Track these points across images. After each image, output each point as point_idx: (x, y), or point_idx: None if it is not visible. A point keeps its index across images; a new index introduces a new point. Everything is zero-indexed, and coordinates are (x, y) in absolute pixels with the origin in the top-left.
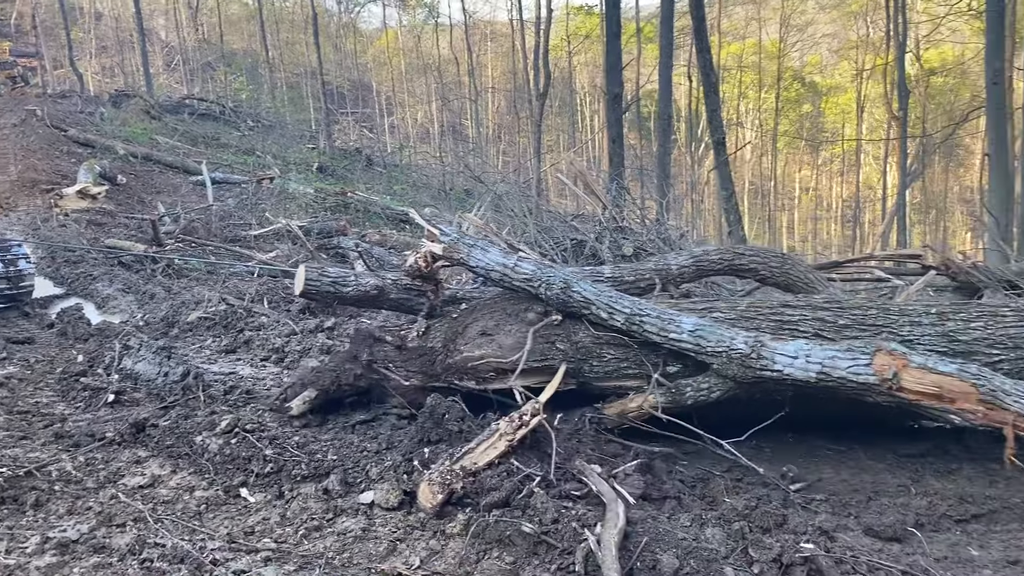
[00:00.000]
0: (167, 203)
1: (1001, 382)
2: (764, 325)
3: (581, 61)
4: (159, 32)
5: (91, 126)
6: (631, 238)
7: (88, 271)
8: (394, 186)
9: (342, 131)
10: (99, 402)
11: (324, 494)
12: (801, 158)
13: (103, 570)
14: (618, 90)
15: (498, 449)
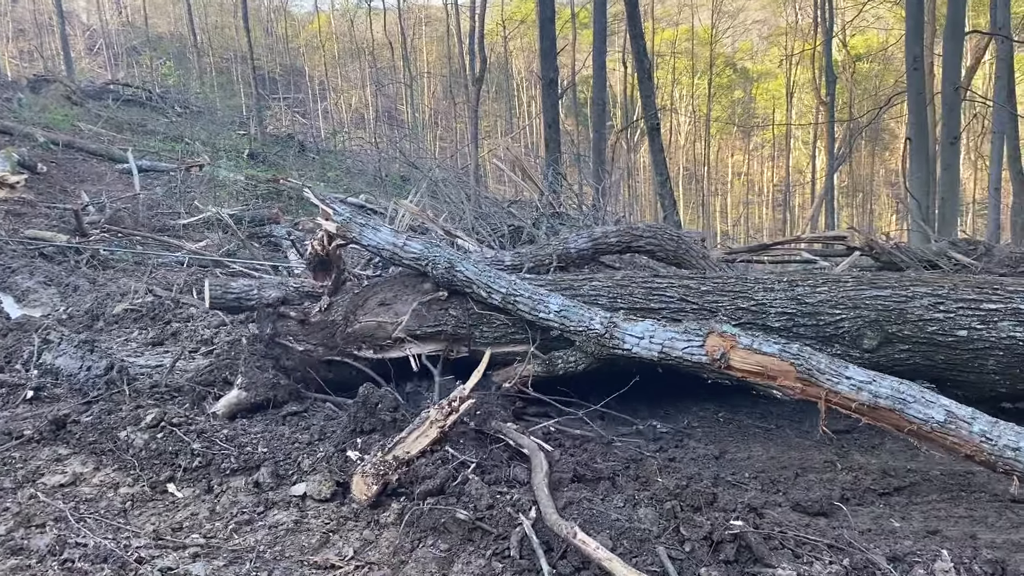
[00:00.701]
0: (91, 192)
1: (817, 361)
2: (636, 292)
3: (517, 46)
4: (80, 15)
5: (8, 113)
6: (568, 224)
7: (7, 263)
8: (328, 172)
9: (274, 117)
10: (17, 399)
11: (255, 487)
12: (733, 143)
13: (21, 572)
14: (553, 75)
15: (430, 436)
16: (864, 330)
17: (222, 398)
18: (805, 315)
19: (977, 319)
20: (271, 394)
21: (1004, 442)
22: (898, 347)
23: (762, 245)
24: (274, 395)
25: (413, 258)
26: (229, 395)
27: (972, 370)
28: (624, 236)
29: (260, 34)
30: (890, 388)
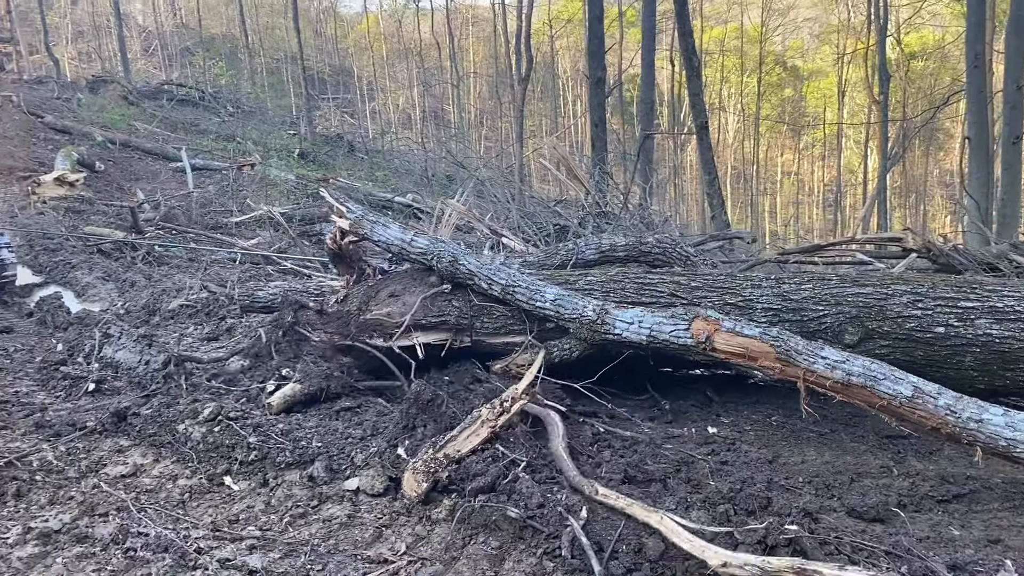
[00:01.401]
0: (147, 190)
1: (795, 343)
2: (628, 287)
3: (563, 45)
4: (136, 17)
5: (68, 112)
6: (614, 223)
7: (67, 259)
8: (376, 172)
9: (323, 117)
10: (79, 391)
11: (309, 481)
12: (783, 142)
13: (86, 560)
14: (600, 74)
15: (481, 436)
16: (845, 326)
17: (277, 391)
18: (790, 311)
19: (955, 316)
20: (324, 385)
21: (967, 415)
22: (879, 343)
23: (815, 246)
24: (327, 386)
25: (420, 253)
26: (284, 388)
27: (951, 366)
28: (632, 250)
29: (310, 35)
30: (862, 367)
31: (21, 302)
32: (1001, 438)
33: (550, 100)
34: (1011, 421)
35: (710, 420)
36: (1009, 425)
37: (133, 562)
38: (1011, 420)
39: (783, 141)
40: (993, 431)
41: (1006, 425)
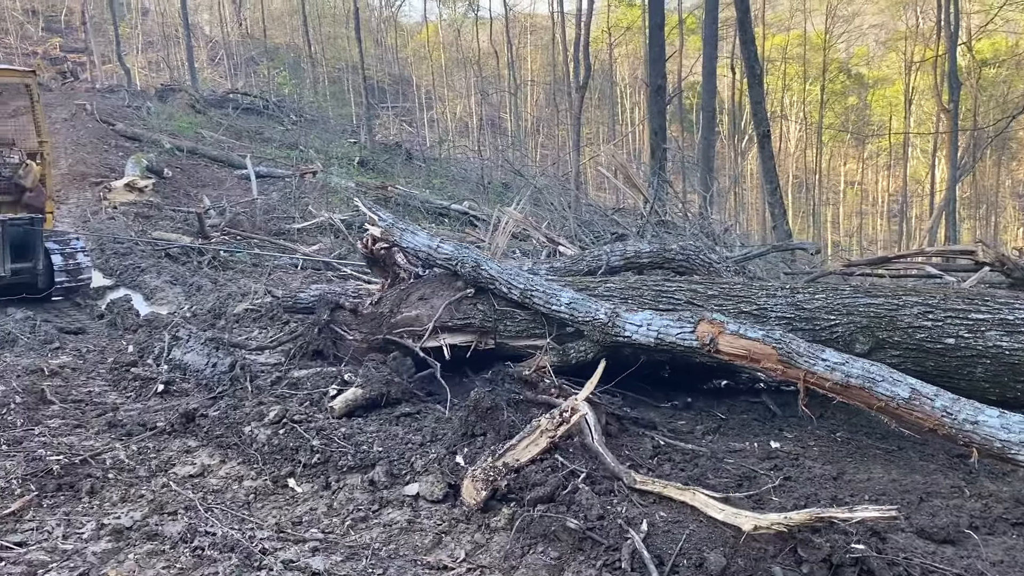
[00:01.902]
0: (212, 196)
1: (797, 345)
2: (646, 293)
3: (622, 53)
4: (203, 27)
5: (138, 120)
6: (674, 232)
7: (136, 263)
8: (433, 180)
9: (383, 125)
10: (149, 392)
11: (370, 485)
12: (846, 151)
13: (156, 557)
14: (661, 82)
15: (540, 445)
16: (856, 335)
17: (339, 395)
18: (803, 320)
19: (965, 328)
20: (385, 390)
21: (963, 416)
22: (889, 352)
23: (881, 258)
24: (388, 392)
25: (445, 258)
26: (346, 393)
27: (962, 377)
28: (656, 257)
29: (370, 44)
30: (861, 368)
31: (92, 304)
32: (996, 439)
33: (608, 108)
34: (1006, 423)
35: (773, 434)
36: (1004, 427)
37: (201, 561)
38: (1006, 422)
39: (846, 150)
40: (988, 432)
41: (1001, 427)
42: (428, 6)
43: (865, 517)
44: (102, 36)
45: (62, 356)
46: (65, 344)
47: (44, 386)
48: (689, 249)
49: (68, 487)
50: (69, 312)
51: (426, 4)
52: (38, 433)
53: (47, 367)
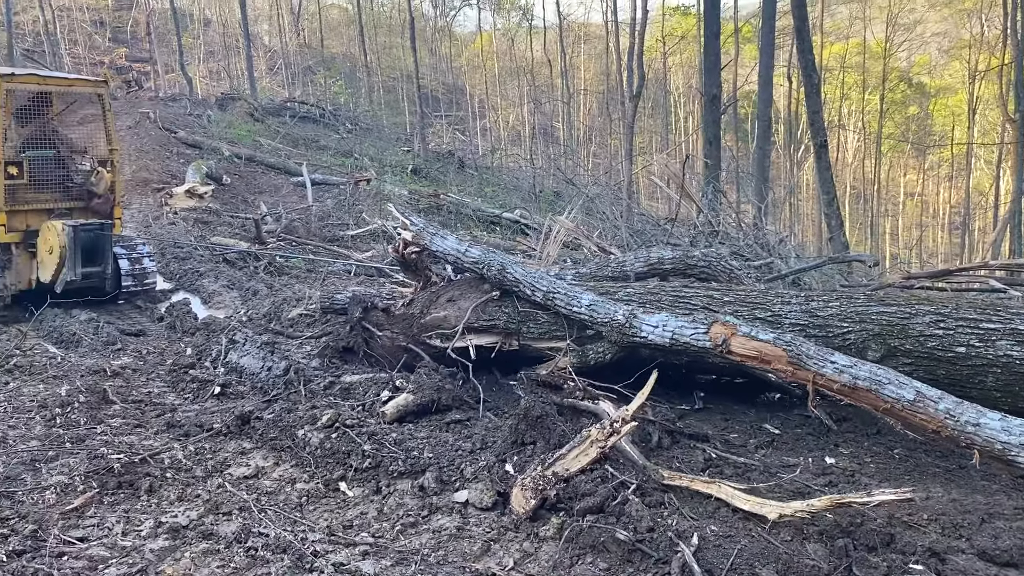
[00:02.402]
0: (269, 203)
1: (807, 348)
2: (664, 298)
3: (676, 62)
4: (263, 37)
5: (199, 128)
6: (727, 242)
7: (195, 267)
8: (485, 188)
9: (436, 134)
10: (206, 394)
11: (420, 491)
12: (906, 162)
13: (211, 556)
14: (716, 91)
15: (589, 456)
16: (869, 342)
17: (391, 400)
18: (816, 327)
19: (976, 337)
20: (436, 396)
21: (966, 418)
22: (901, 360)
23: (943, 271)
24: (438, 398)
25: (472, 262)
26: (397, 398)
27: (974, 386)
28: (679, 263)
29: (425, 54)
30: (868, 371)
31: (152, 307)
32: (997, 441)
33: (661, 117)
34: (1007, 426)
35: (828, 450)
36: (1005, 429)
37: (254, 561)
38: (1007, 425)
39: (906, 161)
40: (989, 435)
41: (1002, 429)
42: (482, 16)
43: (883, 500)
44: (166, 46)
45: (123, 357)
46: (126, 346)
47: (106, 386)
48: (711, 256)
49: (128, 485)
50: (130, 314)
51: (480, 14)
52: (100, 432)
53: (109, 368)
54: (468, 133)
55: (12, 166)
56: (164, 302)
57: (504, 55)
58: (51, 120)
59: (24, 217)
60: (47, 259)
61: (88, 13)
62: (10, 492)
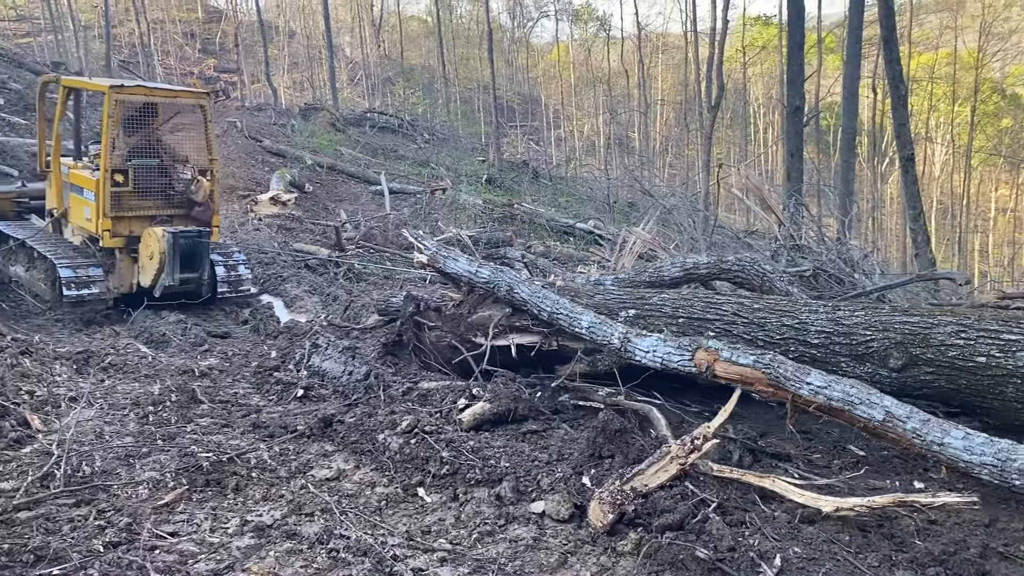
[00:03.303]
0: (349, 211)
1: (784, 370)
2: (696, 304)
3: (756, 72)
4: (345, 49)
5: (283, 137)
6: (810, 257)
7: (278, 272)
8: (559, 198)
9: (510, 144)
10: (290, 396)
11: (496, 500)
12: (998, 176)
13: (295, 556)
14: (799, 102)
15: (669, 472)
16: (891, 351)
17: (468, 408)
18: (840, 335)
19: (996, 348)
20: (512, 406)
21: (931, 437)
22: (923, 369)
23: None
24: (515, 408)
25: (483, 282)
26: (474, 407)
27: (994, 396)
28: (713, 268)
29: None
30: (841, 391)
31: (237, 310)
32: (960, 460)
33: (740, 128)
34: (969, 445)
35: (916, 474)
36: (967, 449)
37: (336, 563)
38: (969, 444)
39: (998, 175)
40: (953, 453)
41: (964, 448)
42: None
43: (946, 502)
44: (252, 57)
45: (210, 358)
46: (213, 347)
47: (195, 386)
48: (745, 261)
49: (216, 483)
50: (216, 317)
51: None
52: (190, 430)
53: (197, 368)
54: (542, 143)
55: (118, 174)
56: (249, 306)
57: (580, 65)
58: (156, 130)
59: (128, 223)
60: (148, 264)
61: (180, 26)
62: (107, 485)
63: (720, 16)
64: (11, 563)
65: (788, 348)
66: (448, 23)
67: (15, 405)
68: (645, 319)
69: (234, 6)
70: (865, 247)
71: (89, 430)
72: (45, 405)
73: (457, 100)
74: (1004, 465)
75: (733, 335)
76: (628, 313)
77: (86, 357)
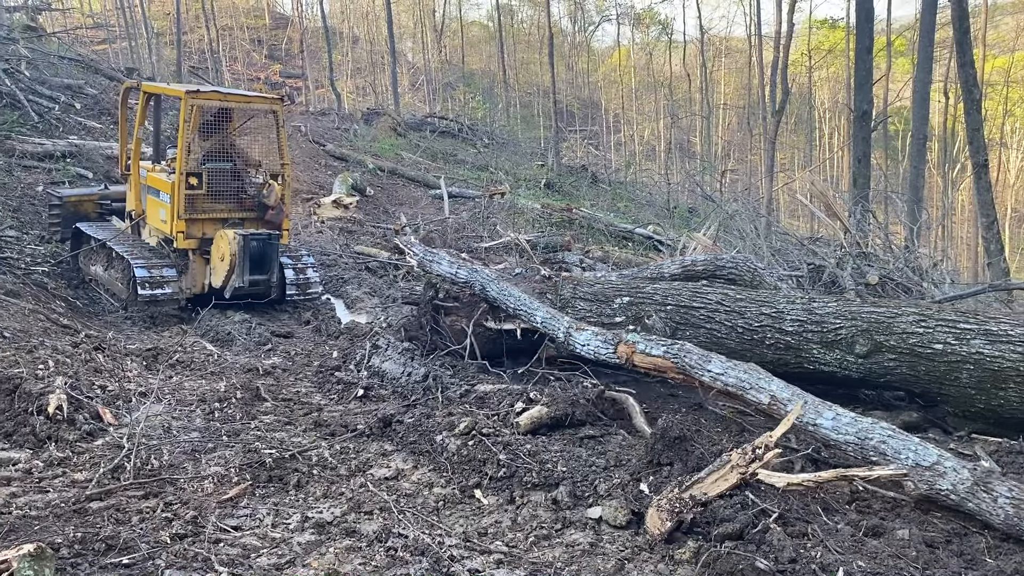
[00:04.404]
0: (408, 214)
1: (690, 359)
2: (684, 293)
3: (822, 76)
4: (407, 54)
5: (345, 141)
6: (876, 265)
7: (340, 274)
8: (618, 203)
9: (569, 148)
10: (350, 395)
11: (553, 504)
12: None
13: (354, 553)
14: (867, 107)
15: (729, 481)
16: (857, 337)
17: (525, 412)
18: (813, 323)
19: (952, 336)
20: (569, 410)
21: (807, 418)
22: (887, 356)
23: None
24: (572, 412)
25: (463, 282)
26: (532, 410)
27: (950, 382)
28: (709, 265)
29: (562, 69)
30: (735, 377)
31: (300, 311)
32: (830, 438)
33: (804, 133)
34: (837, 425)
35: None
36: (835, 428)
37: (394, 561)
38: (837, 424)
39: None
40: (825, 433)
41: (832, 428)
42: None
43: (881, 475)
44: (317, 63)
45: (273, 357)
46: (276, 346)
47: (259, 384)
48: (738, 260)
49: (278, 479)
50: (280, 316)
51: (619, 29)
52: (253, 427)
53: (261, 367)
54: (602, 147)
55: (193, 177)
56: (310, 308)
57: (642, 69)
58: (230, 134)
59: (201, 225)
60: (219, 266)
61: (247, 32)
62: (174, 479)
63: (785, 19)
64: (84, 551)
65: (765, 335)
66: (509, 28)
67: (88, 399)
68: (637, 305)
69: (300, 12)
70: (934, 255)
71: (158, 424)
72: (116, 399)
73: (517, 104)
74: (863, 443)
75: (715, 322)
76: (623, 300)
77: (155, 354)
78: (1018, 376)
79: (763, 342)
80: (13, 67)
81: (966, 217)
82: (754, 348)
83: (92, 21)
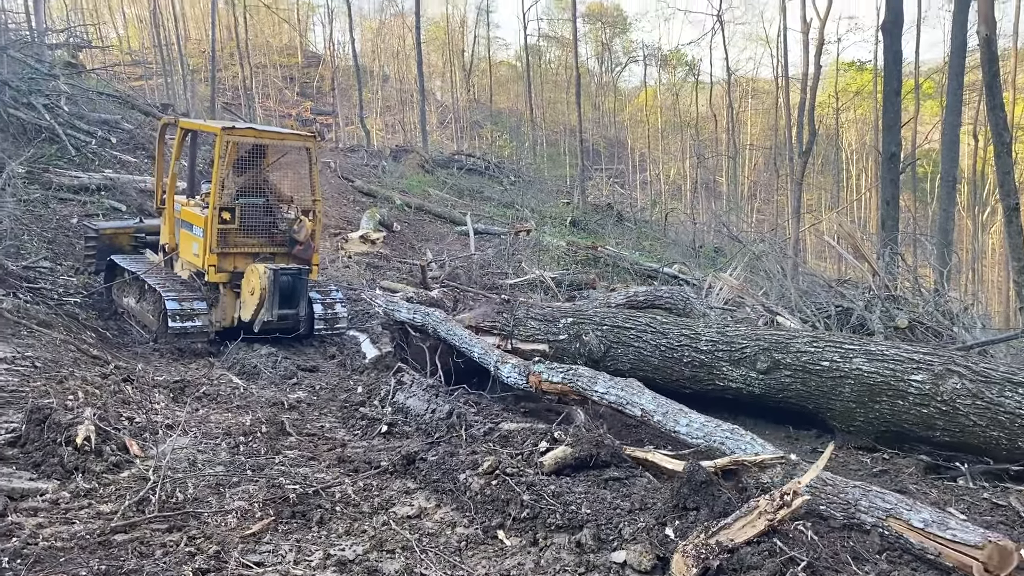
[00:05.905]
0: (435, 250)
1: (582, 383)
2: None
3: (848, 118)
4: (435, 93)
5: (374, 178)
6: (905, 309)
7: (365, 308)
8: (643, 242)
9: (595, 187)
10: (374, 431)
11: (577, 547)
12: None
13: None
14: (895, 149)
15: (756, 528)
16: (759, 355)
17: (549, 452)
18: (724, 343)
19: (838, 354)
20: (594, 451)
21: (669, 425)
22: (783, 372)
23: None
24: (596, 453)
25: (419, 325)
26: (556, 450)
27: (836, 397)
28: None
29: (588, 108)
30: (616, 395)
31: (325, 345)
32: (688, 441)
33: (831, 174)
34: (690, 430)
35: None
36: (688, 434)
37: None
38: (690, 429)
39: None
40: (684, 436)
41: (687, 433)
42: (647, 71)
43: (764, 459)
44: (347, 100)
45: (299, 391)
46: (301, 380)
47: (284, 418)
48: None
49: (301, 515)
50: (305, 351)
51: (646, 69)
52: (278, 462)
53: (286, 401)
54: (628, 186)
55: (226, 211)
56: (335, 343)
57: (668, 110)
58: (263, 170)
59: (232, 259)
60: (248, 299)
61: (280, 70)
62: (198, 513)
63: (812, 62)
64: None
65: (683, 353)
66: (537, 68)
67: (116, 430)
68: (579, 325)
69: (332, 51)
70: (965, 299)
71: (183, 457)
72: (143, 431)
73: (544, 143)
74: (708, 440)
75: (643, 341)
76: (567, 320)
77: (182, 386)
78: (890, 390)
79: (682, 360)
80: (53, 102)
81: (997, 260)
82: (674, 366)
83: (130, 58)
